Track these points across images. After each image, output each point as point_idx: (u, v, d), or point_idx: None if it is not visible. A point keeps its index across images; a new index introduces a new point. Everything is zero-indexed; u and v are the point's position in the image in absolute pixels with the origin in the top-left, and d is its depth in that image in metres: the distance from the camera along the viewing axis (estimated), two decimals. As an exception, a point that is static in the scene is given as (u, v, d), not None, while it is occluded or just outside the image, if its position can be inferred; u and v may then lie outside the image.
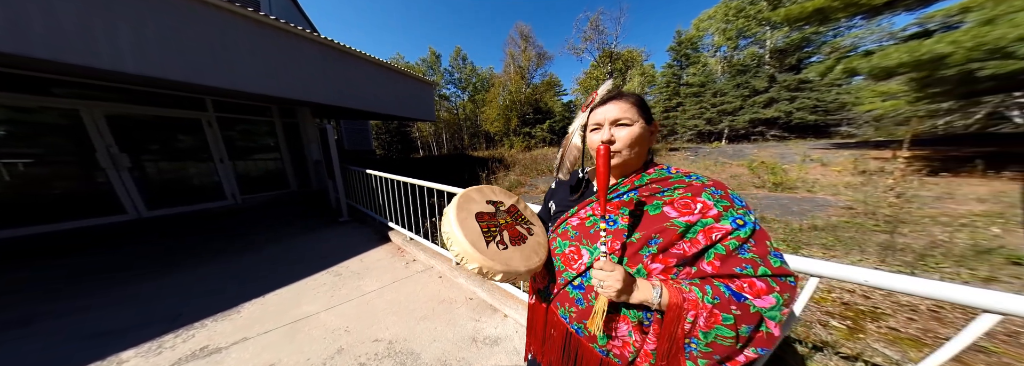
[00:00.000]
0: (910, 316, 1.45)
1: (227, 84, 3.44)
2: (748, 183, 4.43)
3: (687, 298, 0.47)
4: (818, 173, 4.64)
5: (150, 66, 2.81)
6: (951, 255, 1.91)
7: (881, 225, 2.41)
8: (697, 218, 0.51)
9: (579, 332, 0.60)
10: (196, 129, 4.14)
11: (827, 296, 1.64)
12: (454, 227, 0.59)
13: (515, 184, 6.04)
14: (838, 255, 2.12)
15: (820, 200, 3.42)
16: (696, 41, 19.41)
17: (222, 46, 3.33)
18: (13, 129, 2.88)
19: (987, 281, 1.69)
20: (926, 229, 2.31)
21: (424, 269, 2.29)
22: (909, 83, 5.01)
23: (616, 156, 0.57)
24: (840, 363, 1.18)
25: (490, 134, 25.22)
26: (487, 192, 0.73)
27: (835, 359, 1.20)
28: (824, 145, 7.94)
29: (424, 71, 25.89)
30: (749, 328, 0.46)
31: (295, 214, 4.05)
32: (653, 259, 0.52)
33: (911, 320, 1.42)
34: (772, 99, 14.84)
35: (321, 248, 2.78)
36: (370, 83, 5.68)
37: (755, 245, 0.48)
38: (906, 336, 1.34)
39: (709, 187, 0.54)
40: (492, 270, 0.57)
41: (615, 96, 0.58)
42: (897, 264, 1.89)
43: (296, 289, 2.01)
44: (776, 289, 0.46)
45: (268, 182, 5.04)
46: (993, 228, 2.25)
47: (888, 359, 1.21)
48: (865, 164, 4.77)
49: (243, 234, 3.18)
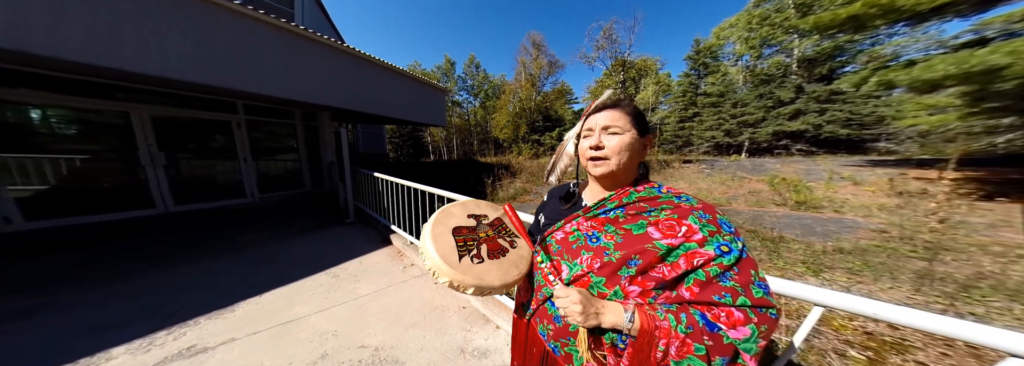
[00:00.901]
0: (944, 351, 1.27)
1: (259, 89, 3.72)
2: (768, 200, 4.17)
3: (660, 326, 0.45)
4: (848, 192, 4.31)
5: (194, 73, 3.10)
6: (1003, 288, 1.68)
7: (919, 251, 2.17)
8: (680, 241, 0.49)
9: (556, 351, 0.58)
10: (226, 130, 4.46)
11: (848, 324, 1.48)
12: (427, 242, 0.61)
13: (520, 192, 6.02)
14: (866, 281, 1.92)
15: (848, 221, 3.16)
16: (716, 50, 19.06)
17: (259, 54, 3.64)
18: (79, 128, 3.23)
19: None
20: (973, 258, 2.06)
21: (421, 274, 2.30)
22: (961, 97, 4.60)
23: (603, 164, 0.56)
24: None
25: (499, 140, 25.55)
26: (470, 207, 0.74)
27: None
28: (857, 162, 7.42)
29: (438, 78, 26.80)
30: (723, 360, 0.43)
31: (305, 213, 4.21)
32: (631, 281, 0.50)
33: (944, 355, 1.25)
34: (799, 111, 14.13)
35: (323, 249, 2.85)
36: (388, 89, 5.96)
37: (738, 274, 0.46)
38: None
39: (697, 210, 0.52)
40: (463, 284, 0.57)
41: (612, 105, 0.58)
42: (935, 295, 1.68)
43: (292, 290, 2.04)
44: (754, 321, 0.44)
45: (285, 182, 5.30)
46: None
47: None
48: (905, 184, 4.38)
49: (255, 231, 3.32)
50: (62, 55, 2.34)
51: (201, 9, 3.04)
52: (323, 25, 8.45)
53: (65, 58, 2.36)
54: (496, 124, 24.76)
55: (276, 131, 5.20)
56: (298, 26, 3.98)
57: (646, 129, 0.58)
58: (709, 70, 19.18)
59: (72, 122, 3.20)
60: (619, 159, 0.55)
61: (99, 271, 2.26)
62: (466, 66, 28.09)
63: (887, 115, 11.09)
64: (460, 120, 28.94)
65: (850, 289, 1.86)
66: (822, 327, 1.50)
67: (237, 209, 4.31)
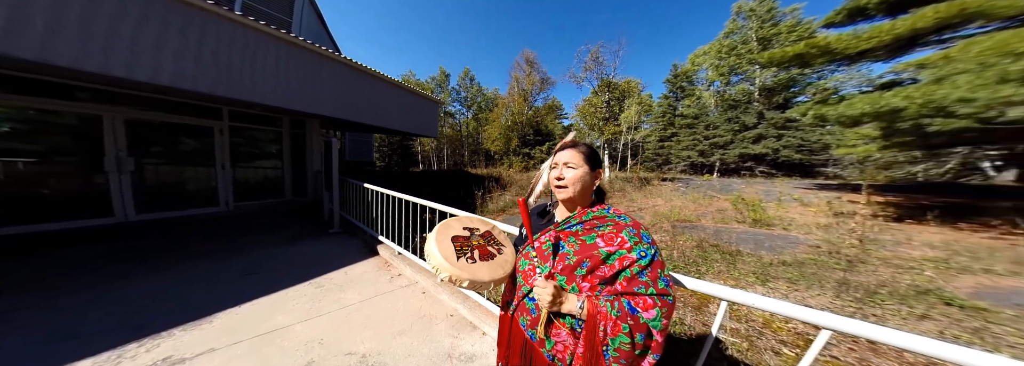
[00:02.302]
0: (851, 346, 1.55)
1: (253, 97, 3.74)
2: (731, 218, 4.64)
3: (601, 311, 0.62)
4: (796, 212, 4.89)
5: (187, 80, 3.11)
6: (896, 294, 2.05)
7: (841, 264, 2.57)
8: (616, 249, 0.67)
9: (532, 338, 0.73)
10: (207, 136, 4.35)
11: (784, 326, 1.74)
12: (432, 246, 0.77)
13: (510, 204, 6.18)
14: (800, 289, 2.24)
15: (792, 238, 3.61)
16: (691, 75, 20.72)
17: (256, 63, 3.70)
18: (33, 128, 3.02)
19: (922, 318, 1.81)
20: (878, 270, 2.48)
21: (408, 284, 2.36)
22: (879, 131, 5.50)
23: (564, 190, 0.76)
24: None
25: (490, 152, 25.86)
26: (465, 221, 0.90)
27: None
28: (807, 185, 8.33)
29: (432, 89, 27.21)
30: (642, 336, 0.60)
31: (286, 223, 4.11)
32: (583, 278, 0.68)
33: (851, 350, 1.53)
34: (761, 135, 15.61)
35: (307, 259, 2.83)
36: (381, 99, 6.10)
37: (650, 271, 0.65)
38: (843, 364, 1.44)
39: (629, 227, 0.71)
40: (459, 278, 0.72)
41: (572, 145, 0.79)
42: (849, 299, 2.02)
43: (274, 300, 2.03)
44: (658, 305, 0.62)
45: (264, 190, 5.14)
46: (926, 271, 2.42)
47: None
48: (841, 206, 5.05)
49: (229, 241, 3.22)
50: (54, 61, 2.32)
51: (199, 18, 3.11)
52: (321, 35, 8.60)
53: (55, 63, 2.34)
54: (488, 136, 25.00)
55: (259, 137, 5.12)
56: (296, 37, 4.11)
57: (597, 165, 0.78)
58: (685, 93, 20.83)
59: (22, 122, 2.97)
60: (575, 187, 0.75)
61: (43, 284, 2.11)
62: (461, 78, 28.83)
63: (830, 142, 12.63)
64: (452, 131, 29.11)
65: (788, 296, 2.16)
66: (764, 329, 1.76)
67: (208, 218, 4.11)
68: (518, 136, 22.87)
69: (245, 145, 4.88)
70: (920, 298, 2.02)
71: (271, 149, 5.28)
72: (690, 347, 1.61)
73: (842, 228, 3.74)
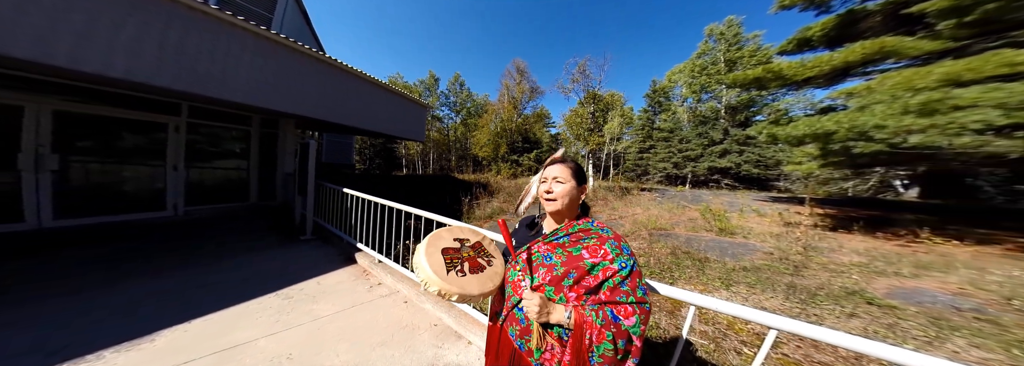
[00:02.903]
0: (798, 344, 1.76)
1: (221, 94, 3.49)
2: (701, 227, 5.04)
3: (586, 320, 0.65)
4: (754, 222, 5.42)
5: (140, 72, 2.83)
6: (831, 296, 2.37)
7: (789, 269, 2.90)
8: (600, 260, 0.72)
9: (521, 347, 0.75)
10: (158, 132, 3.93)
11: (744, 327, 1.93)
12: (421, 258, 0.77)
13: (497, 211, 6.17)
14: (757, 293, 2.50)
15: (751, 245, 4.00)
16: (668, 91, 22.22)
17: (225, 58, 3.45)
18: None
19: (850, 316, 2.11)
20: (818, 274, 2.83)
21: (389, 293, 2.29)
22: (818, 150, 6.31)
23: (552, 203, 0.80)
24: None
25: (478, 158, 25.70)
26: (456, 231, 0.90)
27: None
28: (764, 197, 9.24)
29: (421, 92, 26.74)
30: (623, 342, 0.65)
31: (250, 229, 3.80)
32: (570, 289, 0.71)
33: (798, 348, 1.73)
34: (726, 150, 17.01)
35: (274, 268, 2.64)
36: (365, 101, 5.92)
37: (630, 281, 0.70)
38: (792, 360, 1.63)
39: (611, 239, 0.76)
40: (449, 292, 0.72)
41: (561, 160, 0.84)
42: (796, 301, 2.29)
43: (234, 314, 1.87)
44: (637, 313, 0.67)
45: (225, 192, 4.72)
46: (853, 275, 2.83)
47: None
48: (789, 217, 5.68)
49: (177, 249, 2.90)
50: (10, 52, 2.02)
51: (165, 10, 2.89)
52: (304, 32, 8.22)
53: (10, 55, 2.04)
54: (476, 142, 24.81)
55: (223, 136, 4.72)
56: (276, 33, 3.92)
57: (583, 180, 0.83)
58: (662, 108, 22.28)
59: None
60: (563, 201, 0.79)
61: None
62: (450, 83, 28.61)
63: (782, 159, 14.17)
64: (439, 135, 28.61)
65: (747, 299, 2.40)
66: (728, 331, 1.93)
67: (152, 224, 3.65)
68: (507, 143, 22.97)
69: (205, 143, 4.48)
70: (849, 299, 2.34)
71: (235, 148, 4.89)
72: (665, 349, 1.72)
73: (790, 237, 4.21)
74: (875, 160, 5.67)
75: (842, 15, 7.05)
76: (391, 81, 26.05)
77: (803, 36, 7.63)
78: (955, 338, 1.88)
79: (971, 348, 1.79)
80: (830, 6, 7.29)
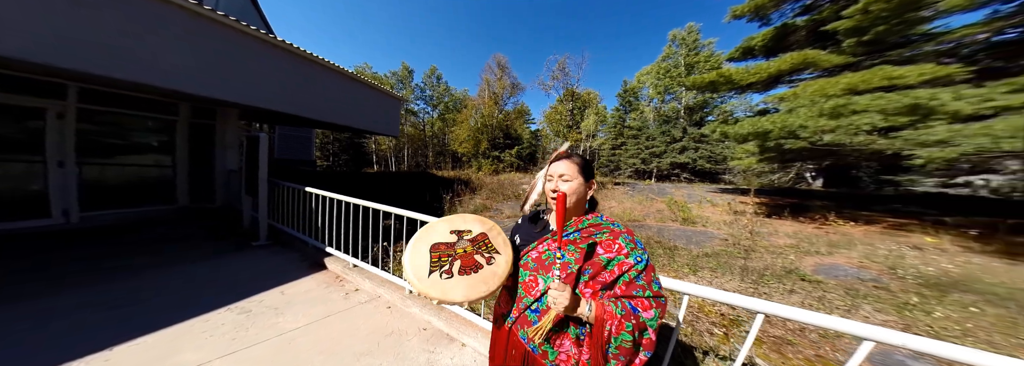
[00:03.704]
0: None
1: (129, 75, 2.82)
2: (668, 217, 5.52)
3: (608, 311, 0.65)
4: (710, 212, 6.09)
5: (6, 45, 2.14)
6: (775, 275, 2.77)
7: (741, 253, 3.32)
8: (615, 255, 0.71)
9: (535, 350, 0.72)
10: (32, 120, 3.09)
11: (712, 309, 2.16)
12: (405, 256, 0.69)
13: (480, 208, 6.06)
14: (719, 276, 2.81)
15: (710, 233, 4.50)
16: (637, 91, 23.56)
17: (135, 32, 2.79)
18: None
19: (790, 292, 2.50)
20: (764, 256, 3.30)
21: (369, 299, 2.11)
22: (756, 147, 7.27)
23: (560, 202, 0.75)
24: (718, 363, 1.57)
25: (457, 154, 24.85)
26: (457, 221, 0.79)
27: (717, 361, 1.59)
28: (714, 189, 10.41)
29: (393, 84, 25.06)
30: (640, 334, 0.65)
31: (181, 237, 3.22)
32: (586, 285, 0.70)
33: None
34: (684, 147, 18.77)
35: (221, 280, 2.29)
36: (326, 91, 5.29)
37: (645, 275, 0.70)
38: (772, 339, 1.87)
39: (624, 234, 0.75)
40: (428, 296, 0.67)
41: (567, 156, 0.79)
42: (749, 281, 2.64)
43: (170, 335, 1.58)
44: (654, 306, 0.68)
45: (139, 194, 3.92)
46: (790, 256, 3.36)
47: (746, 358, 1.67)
48: (736, 206, 6.47)
49: (67, 266, 2.35)
50: None
51: None
52: (248, 12, 7.03)
53: None
54: (456, 137, 23.95)
55: (131, 126, 3.88)
56: (209, 8, 3.26)
57: (590, 175, 0.79)
58: (632, 107, 23.66)
59: None
60: (571, 199, 0.75)
61: None
62: (426, 76, 27.04)
63: (728, 155, 16.07)
64: (414, 130, 27.00)
65: (711, 283, 2.69)
66: (699, 313, 2.14)
67: (29, 235, 2.89)
68: (488, 139, 22.45)
69: (105, 135, 3.64)
70: (788, 277, 2.77)
71: (151, 141, 4.06)
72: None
73: (738, 224, 4.82)
74: (799, 155, 6.71)
75: (778, 28, 8.05)
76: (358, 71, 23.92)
77: (747, 45, 8.59)
78: (864, 305, 2.31)
79: (876, 313, 2.22)
80: (770, 19, 8.25)
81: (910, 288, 2.58)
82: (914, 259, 3.32)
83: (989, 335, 1.93)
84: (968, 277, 2.78)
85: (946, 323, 2.07)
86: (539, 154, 25.96)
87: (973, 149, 3.96)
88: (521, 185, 8.63)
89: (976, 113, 4.29)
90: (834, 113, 5.17)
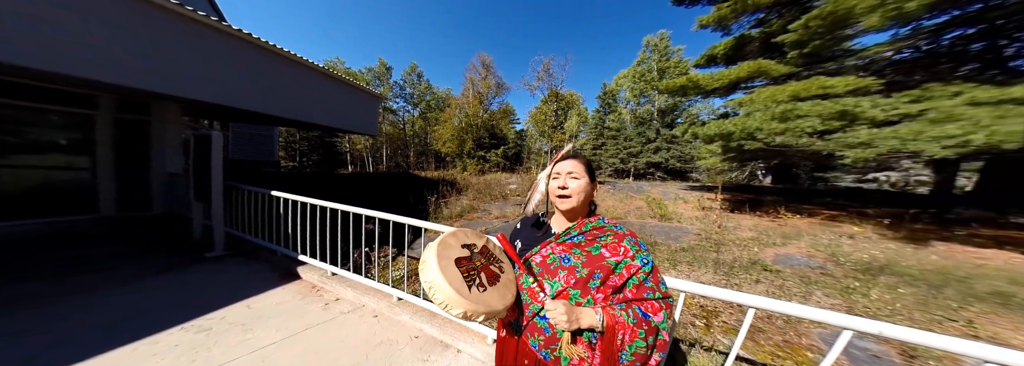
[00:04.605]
0: (731, 312, 2.21)
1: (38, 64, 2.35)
2: (647, 214, 5.82)
3: (619, 321, 0.63)
4: (683, 208, 6.51)
5: None
6: (741, 266, 3.04)
7: (713, 247, 3.60)
8: (622, 258, 0.70)
9: (547, 358, 0.70)
10: None
11: (692, 301, 2.31)
12: (437, 275, 0.63)
13: (467, 209, 5.91)
14: (695, 269, 3.02)
15: (685, 228, 4.81)
16: (615, 93, 24.54)
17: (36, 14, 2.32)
18: None
19: (756, 281, 2.76)
20: (732, 249, 3.61)
21: (353, 309, 1.97)
22: (720, 147, 7.93)
23: (567, 201, 0.74)
24: (704, 354, 1.68)
25: (441, 154, 23.97)
26: (461, 236, 0.77)
27: (702, 352, 1.70)
28: (685, 187, 11.15)
29: (369, 81, 23.58)
30: (653, 338, 0.64)
31: (109, 253, 2.75)
32: (597, 290, 0.69)
33: (732, 315, 2.17)
34: (658, 147, 19.98)
35: (170, 297, 2.01)
36: (290, 86, 4.84)
37: (653, 277, 0.70)
38: (730, 326, 2.03)
39: (628, 236, 0.74)
40: (476, 313, 0.62)
41: (573, 155, 0.79)
42: (722, 273, 2.87)
43: (110, 361, 1.37)
44: (664, 308, 0.67)
45: (43, 203, 3.28)
46: (754, 248, 3.72)
47: (725, 346, 1.81)
48: (704, 203, 7.00)
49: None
50: None
51: None
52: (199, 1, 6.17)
53: None
54: (439, 137, 23.21)
55: (27, 120, 3.22)
56: None
57: (594, 177, 0.79)
58: (611, 109, 24.65)
59: None
60: (578, 197, 0.74)
61: None
62: (406, 73, 25.70)
63: (695, 155, 17.35)
64: (393, 128, 25.64)
65: (689, 276, 2.87)
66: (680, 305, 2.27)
67: None
68: (473, 138, 22.05)
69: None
70: (753, 268, 3.04)
71: (58, 139, 3.43)
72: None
73: (708, 219, 5.21)
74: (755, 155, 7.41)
75: (737, 38, 8.79)
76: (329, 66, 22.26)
77: (711, 53, 9.30)
78: (816, 291, 2.59)
79: (825, 297, 2.50)
80: (730, 29, 8.98)
81: (849, 273, 2.95)
82: (849, 247, 3.82)
83: (911, 313, 2.26)
84: (890, 261, 3.26)
85: (880, 303, 2.39)
86: (524, 154, 26.11)
87: (886, 150, 4.65)
88: (508, 185, 8.59)
89: (887, 119, 5.03)
90: (783, 117, 5.79)
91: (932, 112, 4.44)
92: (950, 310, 2.30)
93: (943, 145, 3.98)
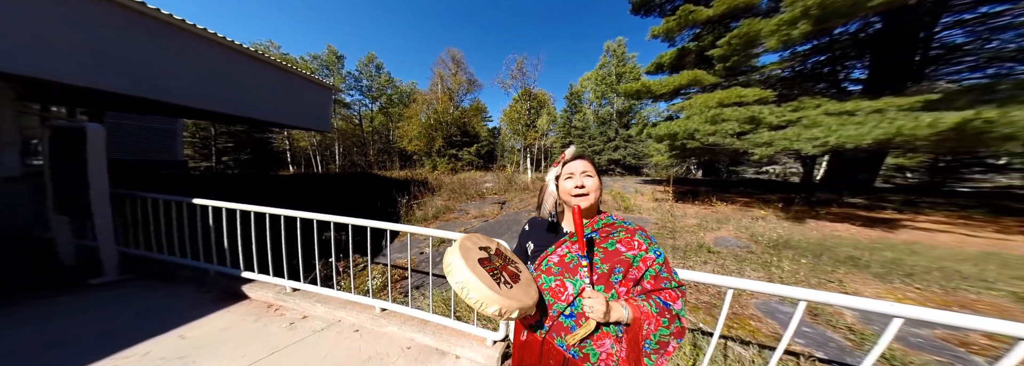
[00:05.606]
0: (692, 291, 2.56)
1: None
2: (613, 207, 6.30)
3: (643, 311, 0.67)
4: (640, 200, 7.22)
5: None
6: (692, 250, 3.54)
7: (670, 235, 4.10)
8: (637, 252, 0.73)
9: (575, 356, 0.71)
10: None
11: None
12: (469, 275, 0.64)
13: (442, 210, 5.62)
14: (658, 255, 3.40)
15: (645, 218, 5.37)
16: (581, 94, 25.63)
17: None
18: None
19: (705, 263, 3.24)
20: (684, 236, 4.16)
21: (327, 326, 1.75)
22: (667, 146, 9.01)
23: (585, 198, 0.76)
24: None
25: (406, 152, 22.11)
26: (475, 239, 0.78)
27: None
28: (639, 181, 12.39)
29: (315, 70, 20.52)
30: (674, 325, 0.68)
31: None
32: (620, 284, 0.72)
33: (713, 296, 2.50)
34: (617, 146, 21.76)
35: (64, 333, 1.55)
36: (202, 67, 3.93)
37: (666, 267, 0.75)
38: (693, 305, 2.35)
39: (639, 230, 0.78)
40: (510, 308, 0.62)
41: (581, 156, 0.82)
42: (679, 258, 3.29)
43: None
44: (680, 295, 0.72)
45: None
46: (700, 233, 4.36)
47: (691, 323, 2.08)
48: (656, 195, 7.88)
49: None
50: None
51: None
52: None
53: None
54: (404, 134, 21.33)
55: None
56: None
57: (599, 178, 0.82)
58: (577, 109, 25.76)
59: None
60: (595, 195, 0.76)
61: None
62: (362, 64, 23.08)
63: (647, 153, 19.41)
64: (347, 124, 22.73)
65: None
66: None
67: None
68: (443, 136, 20.85)
69: None
70: (700, 251, 3.56)
71: None
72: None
73: (661, 209, 5.89)
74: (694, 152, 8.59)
75: (679, 49, 9.96)
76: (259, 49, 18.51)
77: (659, 61, 10.38)
78: (747, 268, 3.12)
79: (752, 271, 3.04)
80: (675, 41, 10.12)
81: (766, 250, 3.66)
82: (761, 228, 4.72)
83: (808, 278, 2.88)
84: (788, 237, 4.13)
85: (789, 273, 2.98)
86: (498, 152, 25.75)
87: (781, 148, 5.86)
88: (484, 183, 8.42)
89: (779, 124, 6.33)
90: (713, 120, 6.82)
91: (805, 119, 5.71)
92: (828, 273, 3.01)
93: (813, 145, 5.16)
